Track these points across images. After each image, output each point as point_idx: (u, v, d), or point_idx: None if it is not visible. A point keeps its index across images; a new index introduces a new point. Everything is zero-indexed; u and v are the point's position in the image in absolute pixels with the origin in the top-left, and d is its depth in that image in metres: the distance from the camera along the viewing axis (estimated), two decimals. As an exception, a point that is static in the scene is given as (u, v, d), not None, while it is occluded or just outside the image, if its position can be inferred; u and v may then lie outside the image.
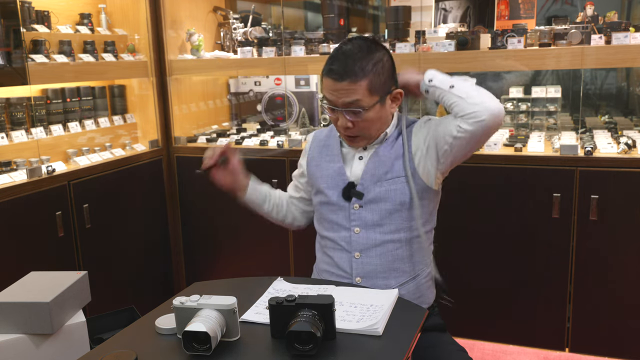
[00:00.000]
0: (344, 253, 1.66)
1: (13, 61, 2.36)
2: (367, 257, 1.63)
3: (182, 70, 3.12)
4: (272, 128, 3.32)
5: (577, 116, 2.96)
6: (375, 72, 1.54)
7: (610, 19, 2.64)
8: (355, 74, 1.52)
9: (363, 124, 1.57)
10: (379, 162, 1.63)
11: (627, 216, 2.35)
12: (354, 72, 1.52)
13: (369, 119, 1.57)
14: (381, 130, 1.63)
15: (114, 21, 3.09)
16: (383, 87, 1.56)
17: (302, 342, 1.16)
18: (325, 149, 1.73)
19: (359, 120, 1.56)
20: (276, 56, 2.92)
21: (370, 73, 1.53)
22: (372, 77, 1.53)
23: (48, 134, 2.68)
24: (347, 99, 1.53)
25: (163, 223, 3.13)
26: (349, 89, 1.52)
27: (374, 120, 1.58)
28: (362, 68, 1.52)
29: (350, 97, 1.53)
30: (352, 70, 1.52)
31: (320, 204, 1.72)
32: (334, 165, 1.69)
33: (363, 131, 1.59)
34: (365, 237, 1.63)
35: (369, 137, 1.62)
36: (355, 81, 1.52)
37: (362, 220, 1.63)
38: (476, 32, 2.60)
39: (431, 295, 1.72)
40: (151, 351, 1.24)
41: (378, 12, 3.69)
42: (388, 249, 1.63)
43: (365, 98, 1.53)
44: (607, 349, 2.48)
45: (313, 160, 1.75)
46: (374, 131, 1.62)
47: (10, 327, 1.63)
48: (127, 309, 2.19)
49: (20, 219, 2.30)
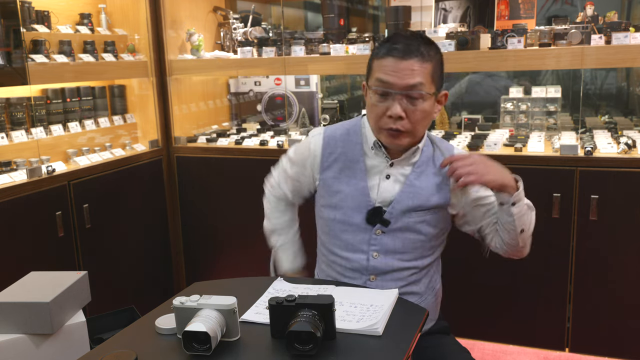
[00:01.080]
0: (357, 274, 1.59)
1: (13, 61, 2.36)
2: (382, 281, 1.57)
3: (182, 70, 3.12)
4: (272, 128, 3.32)
5: (577, 116, 2.96)
6: (437, 60, 1.45)
7: (610, 19, 2.64)
8: (422, 54, 1.41)
9: (416, 115, 1.43)
10: (414, 194, 1.52)
11: (627, 216, 2.35)
12: (421, 52, 1.41)
13: (423, 111, 1.44)
14: (423, 132, 1.52)
15: (114, 21, 3.09)
16: (439, 79, 1.47)
17: (302, 342, 1.16)
18: (345, 157, 1.57)
19: (414, 110, 1.43)
20: (276, 56, 2.92)
21: (434, 59, 1.43)
22: (435, 64, 1.44)
23: (48, 134, 2.68)
24: (411, 80, 1.40)
25: (163, 223, 3.13)
26: (414, 70, 1.40)
27: (426, 115, 1.46)
28: (428, 51, 1.42)
29: (414, 78, 1.40)
30: (419, 50, 1.41)
31: (334, 221, 1.59)
32: (356, 183, 1.55)
33: (414, 125, 1.45)
34: (384, 263, 1.55)
35: (413, 136, 1.49)
36: (422, 61, 1.41)
37: (382, 245, 1.55)
38: (476, 32, 2.60)
39: (437, 310, 1.70)
40: (151, 351, 1.24)
41: (378, 12, 3.69)
42: (404, 275, 1.57)
43: (428, 84, 1.42)
44: (607, 349, 2.48)
45: (330, 171, 1.58)
46: (421, 130, 1.49)
47: (10, 327, 1.63)
48: (127, 309, 2.19)
49: (20, 219, 2.30)
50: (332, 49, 2.84)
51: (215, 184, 3.03)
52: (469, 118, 3.03)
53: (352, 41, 2.88)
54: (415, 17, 3.05)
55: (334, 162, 1.59)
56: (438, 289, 1.70)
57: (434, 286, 1.67)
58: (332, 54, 2.83)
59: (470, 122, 3.01)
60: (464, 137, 2.83)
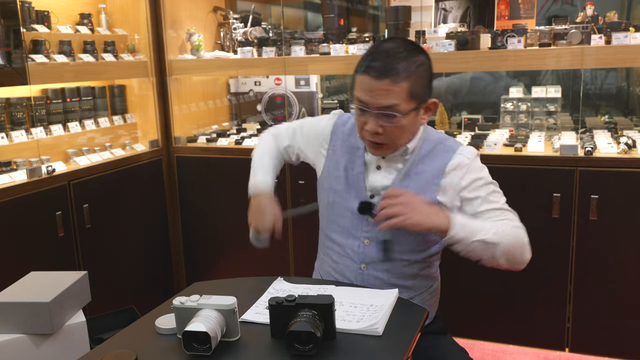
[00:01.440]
0: (350, 262, 1.60)
1: (13, 61, 2.36)
2: (374, 270, 1.58)
3: (182, 70, 3.12)
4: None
5: (577, 116, 2.96)
6: (418, 75, 1.41)
7: (610, 19, 2.64)
8: (398, 73, 1.38)
9: (394, 131, 1.44)
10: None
11: (627, 216, 2.35)
12: (397, 71, 1.38)
13: (402, 127, 1.44)
14: (407, 140, 1.52)
15: (114, 21, 3.09)
16: (422, 93, 1.44)
17: (302, 342, 1.16)
18: (348, 144, 1.62)
19: (391, 127, 1.43)
20: (276, 56, 2.92)
21: (413, 75, 1.40)
22: (415, 80, 1.40)
23: (48, 134, 2.68)
24: (385, 101, 1.40)
25: (163, 223, 3.13)
26: (389, 90, 1.39)
27: (406, 129, 1.46)
28: (405, 68, 1.39)
29: (388, 99, 1.39)
30: (395, 69, 1.38)
31: (331, 205, 1.62)
32: (354, 169, 1.59)
33: (392, 139, 1.47)
34: (375, 250, 1.56)
35: (395, 147, 1.50)
36: (396, 81, 1.38)
37: (373, 233, 1.55)
38: (476, 32, 2.60)
39: (435, 308, 1.70)
40: (151, 351, 1.24)
41: (378, 12, 3.69)
42: (396, 266, 1.57)
43: (404, 103, 1.40)
44: (607, 349, 2.48)
45: (334, 154, 1.63)
46: (402, 141, 1.49)
47: (10, 327, 1.63)
48: (127, 309, 2.19)
49: (20, 219, 2.30)
50: (332, 49, 2.84)
51: (215, 184, 3.03)
52: (469, 118, 3.04)
53: (352, 41, 2.88)
54: (415, 17, 3.05)
55: (338, 148, 1.64)
56: (435, 286, 1.69)
57: (430, 283, 1.66)
58: (332, 54, 2.83)
59: (470, 122, 3.01)
60: (464, 137, 2.83)
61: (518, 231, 1.48)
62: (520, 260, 1.49)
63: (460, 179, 1.50)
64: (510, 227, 1.47)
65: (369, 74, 1.40)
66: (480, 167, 1.54)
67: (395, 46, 1.43)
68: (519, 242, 1.47)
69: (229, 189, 2.99)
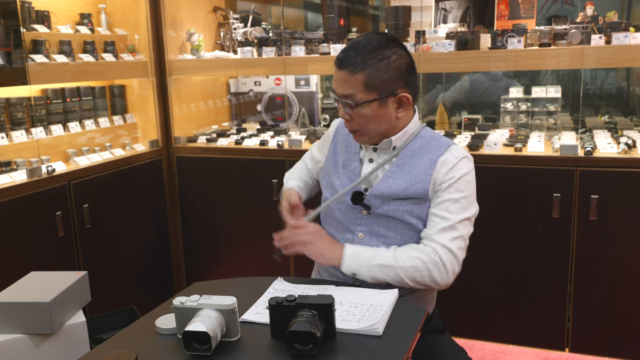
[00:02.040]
0: None
1: (13, 61, 2.36)
2: None
3: (182, 70, 3.12)
4: (272, 128, 3.32)
5: (577, 116, 2.96)
6: (376, 68, 1.48)
7: (610, 19, 2.64)
8: (354, 65, 1.48)
9: (358, 119, 1.53)
10: (392, 183, 1.56)
11: (627, 216, 2.35)
12: (353, 64, 1.48)
13: (365, 116, 1.52)
14: (383, 132, 1.56)
15: (114, 21, 3.09)
16: (383, 85, 1.49)
17: (302, 342, 1.16)
18: (346, 144, 1.69)
19: (355, 114, 1.52)
20: (276, 56, 2.92)
21: (369, 68, 1.48)
22: (371, 73, 1.48)
23: (48, 134, 2.68)
24: (343, 90, 1.51)
25: (163, 223, 3.13)
26: (346, 80, 1.50)
27: (371, 118, 1.52)
28: (363, 61, 1.48)
29: (345, 89, 1.50)
30: (353, 62, 1.48)
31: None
32: (350, 164, 1.65)
33: (360, 127, 1.55)
34: (369, 244, 1.59)
35: (368, 135, 1.57)
36: (352, 72, 1.48)
37: (367, 226, 1.60)
38: (476, 32, 2.60)
39: (431, 305, 1.70)
40: (151, 351, 1.24)
41: (378, 12, 3.69)
42: None
43: (360, 93, 1.49)
44: (607, 349, 2.48)
45: (333, 154, 1.71)
46: (372, 130, 1.55)
47: (10, 327, 1.63)
48: (127, 309, 2.19)
49: (20, 219, 2.30)
50: (332, 49, 2.84)
51: (215, 184, 3.03)
52: (469, 118, 3.04)
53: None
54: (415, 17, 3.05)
55: (339, 147, 1.70)
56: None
57: None
58: (332, 54, 2.83)
59: (470, 122, 3.01)
60: (464, 137, 2.83)
61: (417, 260, 1.48)
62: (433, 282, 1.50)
63: (442, 174, 1.53)
64: (414, 254, 1.49)
65: (335, 64, 1.53)
66: (463, 170, 1.54)
67: (366, 41, 1.51)
68: (421, 266, 1.48)
69: (229, 189, 2.99)
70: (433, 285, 1.51)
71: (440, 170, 1.54)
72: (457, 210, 1.51)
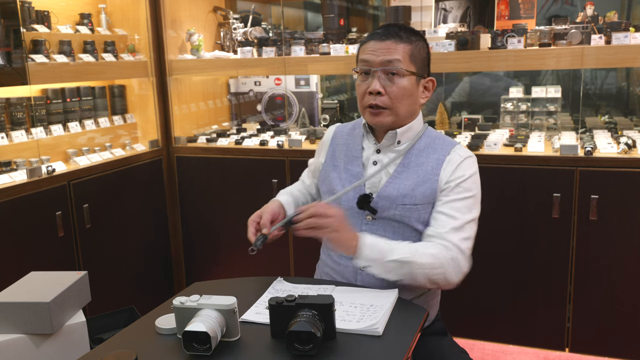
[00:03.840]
0: (349, 262, 1.58)
1: (13, 61, 2.36)
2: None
3: (182, 70, 3.12)
4: (272, 128, 3.32)
5: (577, 116, 2.96)
6: (416, 45, 1.55)
7: (610, 19, 2.64)
8: (400, 37, 1.53)
9: (394, 92, 1.51)
10: (399, 185, 1.55)
11: (627, 216, 2.35)
12: (399, 35, 1.53)
13: (402, 88, 1.52)
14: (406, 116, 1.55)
15: (114, 21, 3.09)
16: (421, 64, 1.56)
17: (302, 342, 1.16)
18: (346, 148, 1.67)
19: (391, 87, 1.51)
20: (276, 56, 2.92)
21: (413, 42, 1.54)
22: (414, 47, 1.54)
23: (48, 134, 2.68)
24: (387, 56, 1.51)
25: (163, 223, 3.13)
26: (391, 48, 1.52)
27: (406, 93, 1.53)
28: (407, 35, 1.54)
29: (390, 54, 1.51)
30: (397, 34, 1.54)
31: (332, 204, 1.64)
32: (352, 169, 1.62)
33: (393, 101, 1.52)
34: None
35: (395, 115, 1.54)
36: (398, 42, 1.52)
37: (373, 232, 1.56)
38: (476, 32, 2.60)
39: (434, 310, 1.70)
40: (151, 351, 1.24)
41: (378, 12, 3.69)
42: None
43: (405, 62, 1.52)
44: (607, 349, 2.48)
45: (332, 159, 1.69)
46: (402, 108, 1.54)
47: (10, 327, 1.63)
48: (127, 309, 2.19)
49: (20, 219, 2.30)
50: (332, 49, 2.84)
51: (215, 184, 3.03)
52: (469, 118, 3.03)
53: (352, 41, 2.88)
54: (415, 17, 3.06)
55: (338, 152, 1.68)
56: (436, 290, 1.68)
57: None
58: (332, 54, 2.83)
59: (470, 122, 3.01)
60: (464, 137, 2.83)
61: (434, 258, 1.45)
62: (444, 281, 1.47)
63: (449, 173, 1.53)
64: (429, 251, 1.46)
65: (374, 38, 1.55)
66: (469, 169, 1.55)
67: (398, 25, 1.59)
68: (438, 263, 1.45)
69: (229, 189, 2.99)
70: (443, 284, 1.48)
71: (447, 169, 1.54)
72: (466, 210, 1.51)
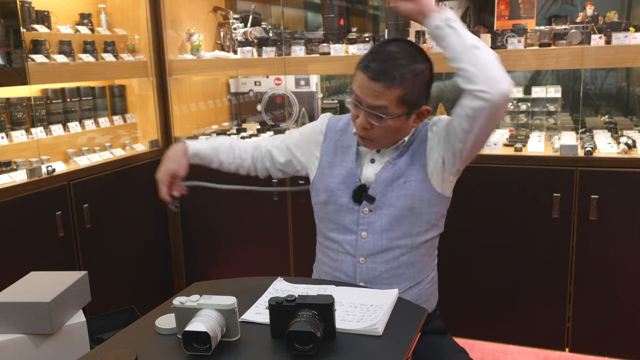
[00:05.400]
0: (348, 257, 1.62)
1: (13, 61, 2.36)
2: (372, 262, 1.59)
3: (182, 70, 3.12)
4: (272, 128, 3.32)
5: (577, 116, 2.96)
6: (412, 83, 1.46)
7: (610, 19, 2.64)
8: (392, 79, 1.43)
9: (381, 130, 1.51)
10: (395, 169, 1.57)
11: (627, 216, 2.35)
12: (392, 77, 1.43)
13: (388, 128, 1.50)
14: (396, 140, 1.58)
15: (114, 21, 3.09)
16: (414, 100, 1.49)
17: (302, 342, 1.16)
18: (340, 144, 1.66)
19: (378, 126, 1.49)
20: (276, 56, 2.92)
21: (407, 82, 1.44)
22: (407, 88, 1.45)
23: (48, 134, 2.68)
24: (374, 101, 1.46)
25: (163, 223, 3.13)
26: (380, 93, 1.45)
27: (393, 130, 1.52)
28: (401, 75, 1.44)
29: (378, 100, 1.46)
30: (390, 74, 1.43)
31: (326, 203, 1.65)
32: (346, 165, 1.63)
33: (378, 137, 1.54)
34: (372, 242, 1.59)
35: (381, 145, 1.58)
36: (389, 87, 1.44)
37: (370, 224, 1.58)
38: (476, 32, 2.60)
39: (434, 300, 1.70)
40: (151, 351, 1.24)
41: (378, 12, 3.69)
42: (394, 254, 1.58)
43: (393, 107, 1.46)
44: (607, 349, 2.48)
45: (327, 155, 1.67)
46: (388, 140, 1.56)
47: (10, 327, 1.63)
48: (127, 309, 2.20)
49: (20, 219, 2.30)
50: (332, 49, 2.84)
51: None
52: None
53: (352, 41, 2.88)
54: (415, 17, 3.04)
55: (332, 149, 1.67)
56: (433, 276, 1.69)
57: (428, 273, 1.67)
58: (332, 54, 2.83)
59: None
60: (464, 137, 2.82)
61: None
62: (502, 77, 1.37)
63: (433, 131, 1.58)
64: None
65: (366, 73, 1.46)
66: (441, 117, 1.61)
67: (397, 50, 1.46)
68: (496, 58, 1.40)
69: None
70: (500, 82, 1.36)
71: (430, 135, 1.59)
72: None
